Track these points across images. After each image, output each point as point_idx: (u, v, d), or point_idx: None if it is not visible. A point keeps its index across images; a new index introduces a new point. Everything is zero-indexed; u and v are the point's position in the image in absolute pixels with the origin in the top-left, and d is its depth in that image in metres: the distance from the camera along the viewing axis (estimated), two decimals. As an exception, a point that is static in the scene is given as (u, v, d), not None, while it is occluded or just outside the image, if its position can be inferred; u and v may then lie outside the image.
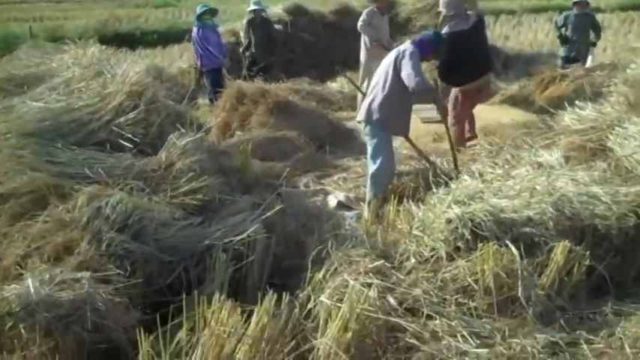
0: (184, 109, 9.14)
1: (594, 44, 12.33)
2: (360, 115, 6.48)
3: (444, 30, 7.72)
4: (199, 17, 11.75)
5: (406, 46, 6.29)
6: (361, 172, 7.88)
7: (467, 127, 8.13)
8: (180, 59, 16.65)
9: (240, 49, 12.67)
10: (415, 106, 6.84)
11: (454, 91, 7.98)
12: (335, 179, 7.70)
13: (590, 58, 11.82)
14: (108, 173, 4.84)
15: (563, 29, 12.04)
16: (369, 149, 6.36)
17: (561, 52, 12.44)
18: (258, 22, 12.27)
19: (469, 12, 7.80)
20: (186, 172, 4.97)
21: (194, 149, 5.23)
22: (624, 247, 4.42)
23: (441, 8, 7.98)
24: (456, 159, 6.47)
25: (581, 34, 11.91)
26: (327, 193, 7.20)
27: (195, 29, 11.77)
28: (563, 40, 12.11)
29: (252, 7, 12.29)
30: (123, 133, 5.39)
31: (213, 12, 12.07)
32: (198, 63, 11.99)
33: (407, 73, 6.05)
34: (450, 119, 7.69)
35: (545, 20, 23.87)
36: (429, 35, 6.56)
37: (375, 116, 6.24)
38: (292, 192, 6.85)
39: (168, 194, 4.78)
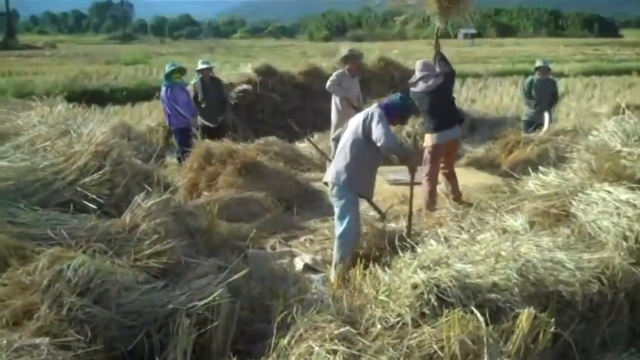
0: (152, 168, 9.13)
1: (550, 109, 12.59)
2: (327, 176, 6.52)
3: (412, 88, 8.25)
4: (168, 76, 11.78)
5: (373, 109, 6.41)
6: (328, 235, 7.88)
7: (449, 187, 8.39)
8: (149, 117, 16.67)
9: None
10: (381, 168, 6.91)
11: (426, 149, 8.13)
12: (302, 241, 7.69)
13: (547, 121, 12.07)
14: (71, 235, 4.76)
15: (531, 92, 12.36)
16: (337, 210, 6.38)
17: (524, 116, 12.70)
18: (208, 82, 12.25)
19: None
20: (150, 235, 4.90)
21: (159, 211, 5.18)
22: (589, 314, 4.45)
23: (416, 71, 8.41)
24: (410, 221, 6.55)
25: (544, 99, 12.19)
26: (293, 256, 7.17)
27: (163, 88, 11.78)
28: (528, 104, 12.40)
29: (201, 66, 12.29)
30: (87, 193, 5.31)
31: (181, 71, 12.10)
32: (167, 122, 12.00)
33: (377, 133, 6.17)
34: (423, 180, 7.90)
35: (511, 84, 24.46)
36: (396, 99, 6.67)
37: (343, 177, 6.28)
38: (259, 254, 6.81)
39: (131, 257, 4.70)
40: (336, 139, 7.13)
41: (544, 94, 12.21)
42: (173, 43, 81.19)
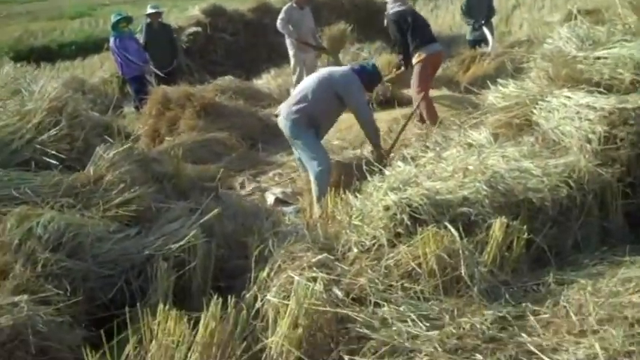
0: (110, 119, 9.03)
1: (489, 23, 12.63)
2: (282, 111, 6.50)
3: (391, 11, 8.66)
4: (114, 26, 11.46)
5: (348, 74, 6.39)
6: (295, 167, 7.89)
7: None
8: (102, 69, 16.33)
9: None
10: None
11: (415, 67, 8.47)
12: (270, 176, 7.71)
13: (489, 37, 12.12)
14: (36, 192, 4.68)
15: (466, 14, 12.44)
16: (303, 153, 6.39)
17: (468, 34, 12.74)
18: (157, 27, 11.96)
19: None
20: (117, 184, 4.85)
21: (123, 160, 5.12)
22: (559, 218, 4.50)
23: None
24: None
25: (482, 16, 12.29)
26: (263, 191, 7.17)
27: (112, 39, 11.47)
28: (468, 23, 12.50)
29: (150, 10, 11.96)
30: (47, 150, 5.22)
31: (128, 20, 11.80)
32: (120, 72, 11.76)
33: (359, 105, 6.46)
34: (415, 95, 8.39)
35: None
36: (369, 67, 6.78)
37: (295, 116, 6.29)
38: (228, 193, 6.80)
39: (100, 208, 4.66)
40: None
41: (481, 10, 12.29)
42: (116, -8, 79.02)
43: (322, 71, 6.71)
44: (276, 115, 6.69)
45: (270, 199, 6.84)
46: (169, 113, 9.34)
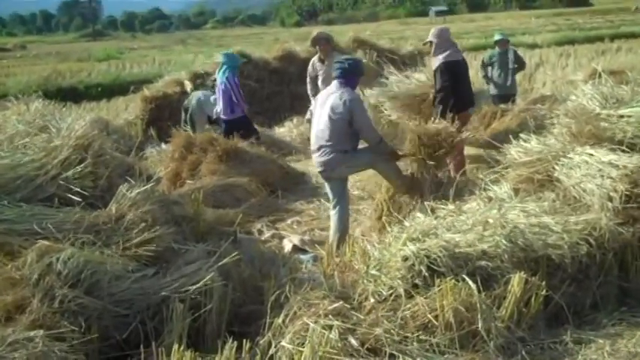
0: (132, 160, 9.12)
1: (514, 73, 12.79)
2: (320, 166, 6.56)
3: (439, 59, 8.16)
4: (236, 65, 10.91)
5: (343, 92, 6.38)
6: (314, 215, 7.92)
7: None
8: (126, 111, 16.54)
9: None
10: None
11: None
12: (289, 223, 7.71)
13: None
14: (57, 228, 4.72)
15: (489, 68, 12.49)
16: (334, 199, 6.54)
17: (492, 89, 12.82)
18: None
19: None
20: (137, 223, 4.88)
21: (144, 200, 5.16)
22: (578, 276, 4.48)
23: (432, 38, 8.35)
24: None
25: (507, 71, 12.41)
26: (281, 238, 7.18)
27: (230, 76, 10.52)
28: (489, 79, 12.54)
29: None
30: (71, 187, 5.28)
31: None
32: (226, 111, 10.54)
33: (363, 125, 6.36)
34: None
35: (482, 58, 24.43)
36: (350, 66, 6.55)
37: (333, 166, 6.42)
38: (246, 238, 6.81)
39: (120, 246, 4.69)
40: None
41: (506, 66, 12.40)
42: (144, 38, 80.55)
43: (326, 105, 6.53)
44: (308, 121, 6.74)
45: (287, 246, 6.84)
46: (191, 157, 9.42)
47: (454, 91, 8.06)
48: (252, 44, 33.68)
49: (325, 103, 6.42)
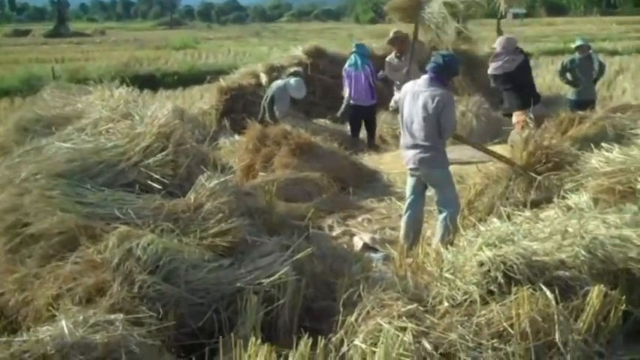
0: (207, 150, 9.24)
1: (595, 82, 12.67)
2: (412, 163, 6.51)
3: (492, 66, 9.11)
4: (368, 55, 12.08)
5: (435, 90, 6.28)
6: (385, 214, 7.89)
7: None
8: (202, 100, 16.73)
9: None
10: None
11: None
12: (359, 220, 7.71)
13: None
14: (137, 214, 4.85)
15: (568, 74, 12.24)
16: (439, 193, 6.50)
17: (570, 94, 12.55)
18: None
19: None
20: (215, 214, 4.96)
21: (222, 191, 5.23)
22: (659, 292, 4.36)
23: (497, 46, 9.18)
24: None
25: (588, 77, 12.16)
26: (352, 235, 7.19)
27: (367, 67, 11.67)
28: (572, 83, 12.30)
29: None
30: (151, 174, 5.40)
31: None
32: (368, 97, 11.72)
33: (447, 123, 6.33)
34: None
35: (561, 62, 23.91)
36: (446, 64, 6.43)
37: (432, 165, 6.42)
38: (318, 233, 6.84)
39: (197, 236, 4.77)
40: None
41: (589, 70, 12.16)
42: (220, 28, 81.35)
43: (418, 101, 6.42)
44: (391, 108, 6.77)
45: (358, 244, 6.83)
46: (265, 149, 9.50)
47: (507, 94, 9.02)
48: (326, 39, 33.70)
49: (416, 100, 6.32)
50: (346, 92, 11.87)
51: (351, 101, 11.75)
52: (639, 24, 53.61)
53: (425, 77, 6.39)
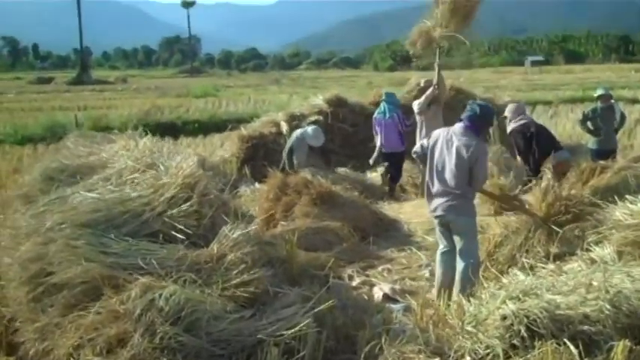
0: (228, 198, 9.29)
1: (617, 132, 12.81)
2: (439, 210, 6.51)
3: (514, 124, 9.82)
4: (399, 104, 12.57)
5: (470, 139, 6.32)
6: (405, 264, 7.87)
7: None
8: (222, 148, 16.88)
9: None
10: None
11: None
12: (379, 270, 7.69)
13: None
14: (161, 265, 4.87)
15: (589, 123, 12.27)
16: (462, 242, 6.46)
17: (591, 144, 12.54)
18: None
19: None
20: (237, 264, 4.97)
21: (245, 241, 5.25)
22: (685, 347, 4.29)
23: (507, 114, 9.97)
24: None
25: (610, 126, 12.23)
26: (371, 285, 7.16)
27: (395, 115, 12.10)
28: (594, 132, 12.30)
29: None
30: (175, 224, 5.44)
31: None
32: (397, 145, 12.14)
33: (480, 175, 6.40)
34: None
35: (582, 110, 23.92)
36: (482, 113, 6.45)
37: (459, 212, 6.41)
38: (339, 283, 6.81)
39: (219, 286, 4.77)
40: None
41: (610, 120, 12.24)
42: (240, 76, 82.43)
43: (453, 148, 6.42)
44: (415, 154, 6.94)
45: (378, 294, 6.81)
46: (286, 198, 9.55)
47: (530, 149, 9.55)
48: (344, 87, 34.07)
49: (449, 147, 6.36)
50: (377, 140, 12.16)
51: (383, 149, 12.08)
52: (659, 71, 53.57)
53: (460, 125, 6.43)
